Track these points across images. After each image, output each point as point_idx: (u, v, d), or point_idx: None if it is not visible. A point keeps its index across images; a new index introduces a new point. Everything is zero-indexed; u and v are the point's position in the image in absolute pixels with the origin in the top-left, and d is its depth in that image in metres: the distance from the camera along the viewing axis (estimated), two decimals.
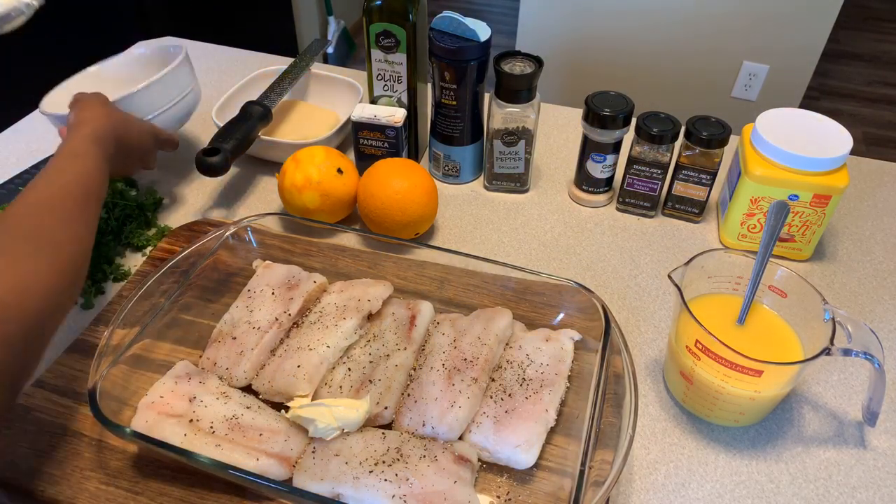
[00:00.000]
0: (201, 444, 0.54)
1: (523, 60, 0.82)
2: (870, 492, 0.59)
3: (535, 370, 0.62)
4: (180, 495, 0.55)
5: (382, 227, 0.78)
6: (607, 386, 0.58)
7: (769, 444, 0.62)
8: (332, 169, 0.79)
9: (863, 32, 3.23)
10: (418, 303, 0.68)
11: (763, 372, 0.55)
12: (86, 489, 0.55)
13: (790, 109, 0.78)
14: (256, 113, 0.85)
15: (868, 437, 0.63)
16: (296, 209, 0.79)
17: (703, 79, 2.12)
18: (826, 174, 0.73)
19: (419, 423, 0.58)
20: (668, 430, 0.63)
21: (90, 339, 0.67)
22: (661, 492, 0.58)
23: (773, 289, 0.63)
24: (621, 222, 0.87)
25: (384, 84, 0.87)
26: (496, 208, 0.88)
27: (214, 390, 0.60)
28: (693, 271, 0.61)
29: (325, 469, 0.54)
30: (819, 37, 1.94)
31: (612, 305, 0.73)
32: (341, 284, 0.70)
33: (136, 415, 0.57)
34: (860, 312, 0.75)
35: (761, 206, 0.77)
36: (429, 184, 0.79)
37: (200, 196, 0.89)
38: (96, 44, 1.29)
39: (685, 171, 0.81)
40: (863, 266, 0.81)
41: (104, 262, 0.76)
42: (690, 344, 0.59)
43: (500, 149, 0.86)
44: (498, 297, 0.69)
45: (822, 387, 0.67)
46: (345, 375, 0.62)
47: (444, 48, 0.79)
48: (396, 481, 0.52)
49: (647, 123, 0.79)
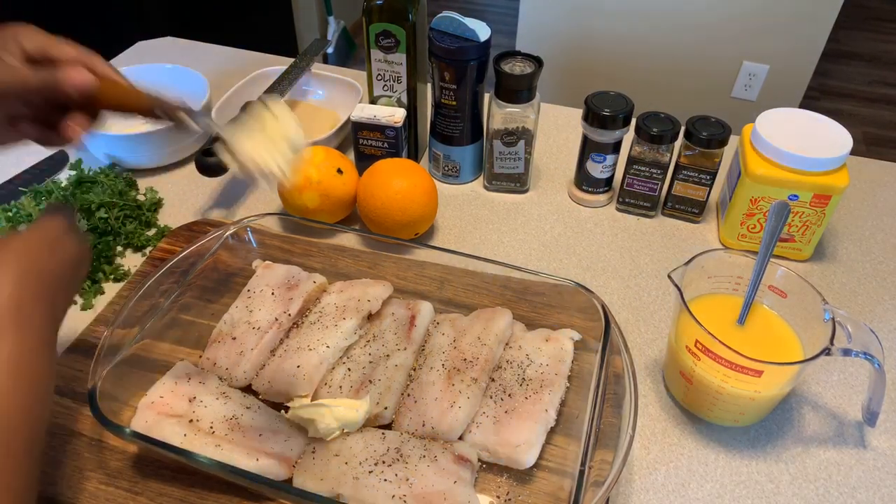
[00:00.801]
0: (201, 445, 0.54)
1: (523, 60, 0.82)
2: (870, 492, 0.59)
3: (534, 370, 0.62)
4: (180, 495, 0.55)
5: (382, 227, 0.78)
6: (607, 386, 0.58)
7: (769, 445, 0.62)
8: (332, 169, 0.79)
9: (863, 32, 3.23)
10: (418, 303, 0.68)
11: (763, 372, 0.55)
12: (86, 489, 0.55)
13: (790, 109, 0.78)
14: None
15: (868, 437, 0.63)
16: (295, 209, 0.79)
17: (703, 79, 2.12)
18: (826, 174, 0.73)
19: (419, 423, 0.58)
20: (667, 431, 0.63)
21: (90, 339, 0.67)
22: (661, 492, 0.58)
23: (773, 289, 0.63)
24: (621, 222, 0.86)
25: (384, 84, 0.87)
26: (496, 208, 0.88)
27: (214, 390, 0.60)
28: (693, 271, 0.61)
29: (325, 469, 0.54)
30: (819, 37, 1.94)
31: (611, 305, 0.73)
32: (341, 284, 0.70)
33: (135, 415, 0.57)
34: (860, 312, 0.75)
35: (761, 206, 0.77)
36: (429, 184, 0.79)
37: (200, 196, 0.89)
38: (96, 44, 1.29)
39: (685, 171, 0.81)
40: (863, 266, 0.81)
41: (104, 262, 0.76)
42: (690, 344, 0.59)
43: (499, 149, 0.86)
44: (498, 298, 0.69)
45: (822, 387, 0.67)
46: (344, 376, 0.62)
47: (443, 48, 0.79)
48: (396, 481, 0.52)
49: (647, 123, 0.79)
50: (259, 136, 0.55)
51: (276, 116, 0.56)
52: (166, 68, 0.99)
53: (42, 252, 0.45)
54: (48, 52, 0.48)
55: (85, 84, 0.49)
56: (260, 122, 0.56)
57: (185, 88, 0.97)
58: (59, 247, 0.47)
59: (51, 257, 0.45)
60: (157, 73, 0.99)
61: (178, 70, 0.99)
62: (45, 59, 0.49)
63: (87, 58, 0.52)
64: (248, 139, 0.55)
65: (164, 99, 0.55)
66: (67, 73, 0.48)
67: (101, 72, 0.52)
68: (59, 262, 0.46)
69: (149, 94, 0.55)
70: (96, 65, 0.52)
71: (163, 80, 0.99)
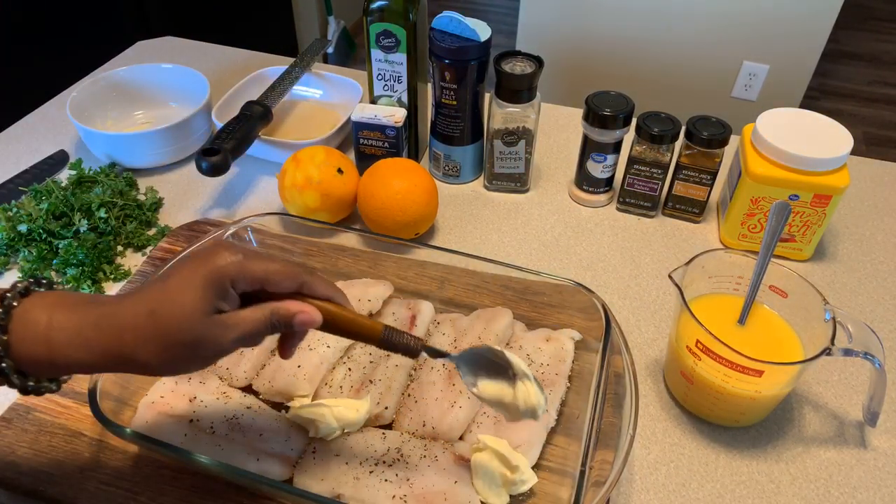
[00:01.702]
0: (201, 444, 0.54)
1: (523, 60, 0.82)
2: (870, 492, 0.59)
3: (535, 370, 0.62)
4: (180, 495, 0.55)
5: (383, 227, 0.78)
6: (608, 386, 0.58)
7: (770, 445, 0.62)
8: (332, 169, 0.79)
9: (863, 32, 3.22)
10: (419, 303, 0.68)
11: (764, 372, 0.55)
12: (86, 489, 0.55)
13: (790, 109, 0.78)
14: (256, 113, 0.85)
15: (868, 437, 0.63)
16: (296, 209, 0.79)
17: (703, 79, 2.12)
18: (826, 174, 0.73)
19: (419, 423, 0.58)
20: (668, 431, 0.63)
21: None
22: (661, 492, 0.58)
23: (774, 289, 0.63)
24: (621, 222, 0.86)
25: (384, 84, 0.87)
26: (496, 208, 0.88)
27: (215, 390, 0.60)
28: (693, 271, 0.61)
29: (326, 469, 0.54)
30: (819, 37, 1.94)
31: (612, 305, 0.73)
32: (341, 284, 0.70)
33: (136, 415, 0.57)
34: (860, 312, 0.75)
35: (762, 206, 0.77)
36: (429, 184, 0.79)
37: (200, 196, 0.89)
38: (96, 43, 1.29)
39: (685, 171, 0.81)
40: (863, 266, 0.81)
41: (104, 262, 0.76)
42: (691, 344, 0.59)
43: (500, 149, 0.86)
44: (498, 297, 0.69)
45: (822, 387, 0.67)
46: (345, 375, 0.62)
47: (444, 48, 0.79)
48: (397, 481, 0.52)
49: (647, 123, 0.79)
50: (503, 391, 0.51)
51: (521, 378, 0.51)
52: (166, 68, 0.99)
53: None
54: (265, 287, 0.45)
55: (312, 324, 0.46)
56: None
57: (185, 88, 0.97)
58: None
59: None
60: (157, 73, 0.99)
61: (178, 70, 0.99)
62: (262, 290, 0.46)
63: (305, 283, 0.47)
64: (489, 387, 0.51)
65: (392, 329, 0.50)
66: (297, 317, 0.46)
67: (324, 295, 0.48)
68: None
69: (374, 324, 0.49)
70: (315, 288, 0.47)
71: (163, 80, 1.00)
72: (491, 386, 0.50)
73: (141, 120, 0.99)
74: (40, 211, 0.78)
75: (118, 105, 0.98)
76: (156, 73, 0.99)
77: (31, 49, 1.64)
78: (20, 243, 0.76)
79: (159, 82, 1.00)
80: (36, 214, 0.77)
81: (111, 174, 0.86)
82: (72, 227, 0.77)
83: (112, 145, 0.88)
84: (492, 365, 0.51)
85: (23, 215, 0.77)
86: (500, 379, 0.50)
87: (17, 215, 0.78)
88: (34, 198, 0.81)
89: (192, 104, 0.92)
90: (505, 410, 0.51)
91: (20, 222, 0.76)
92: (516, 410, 0.50)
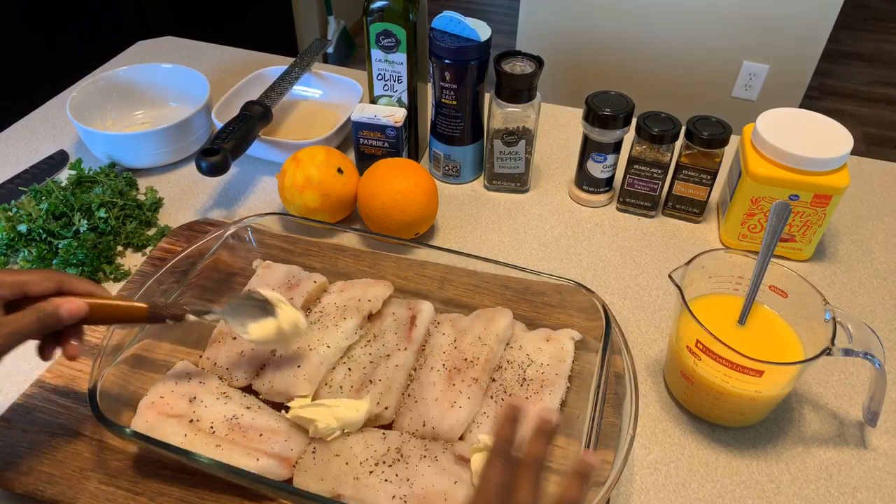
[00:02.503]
0: (201, 445, 0.54)
1: (523, 60, 0.82)
2: (870, 492, 0.59)
3: (535, 370, 0.62)
4: (180, 495, 0.55)
5: (383, 227, 0.78)
6: (608, 386, 0.58)
7: (770, 445, 0.62)
8: (332, 169, 0.79)
9: (863, 32, 3.22)
10: (419, 303, 0.68)
11: (764, 372, 0.55)
12: (86, 489, 0.55)
13: (790, 109, 0.78)
14: (256, 113, 0.85)
15: (869, 437, 0.63)
16: (296, 209, 0.79)
17: (703, 79, 2.12)
18: (826, 174, 0.73)
19: (419, 423, 0.58)
20: (668, 431, 0.63)
21: (90, 339, 0.67)
22: (661, 492, 0.58)
23: (774, 289, 0.63)
24: (621, 222, 0.86)
25: (384, 84, 0.87)
26: (496, 208, 0.88)
27: (214, 390, 0.60)
28: (694, 271, 0.61)
29: (326, 469, 0.54)
30: (819, 37, 1.94)
31: (612, 305, 0.73)
32: (341, 284, 0.70)
33: (136, 415, 0.57)
34: (860, 312, 0.75)
35: (762, 206, 0.77)
36: (429, 184, 0.79)
37: (200, 196, 0.89)
38: (96, 43, 1.29)
39: (685, 171, 0.81)
40: (863, 266, 0.81)
41: (104, 262, 0.76)
42: (691, 344, 0.59)
43: (500, 149, 0.86)
44: (498, 297, 0.69)
45: (822, 387, 0.67)
46: (345, 375, 0.62)
47: (444, 48, 0.79)
48: (397, 482, 0.52)
49: (647, 123, 0.79)
50: (269, 325, 0.59)
51: (277, 304, 0.60)
52: (166, 68, 0.99)
53: None
54: (26, 292, 0.50)
55: (79, 312, 0.51)
56: (264, 309, 0.59)
57: (185, 88, 0.97)
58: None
59: None
60: (157, 73, 0.99)
61: (178, 70, 0.99)
62: (24, 297, 0.50)
63: (63, 282, 0.52)
64: (257, 328, 0.58)
65: (158, 303, 0.56)
66: (63, 308, 0.50)
67: (84, 291, 0.53)
68: None
69: (140, 304, 0.55)
70: (74, 286, 0.52)
71: (163, 80, 1.00)
72: (258, 327, 0.58)
73: (141, 120, 0.99)
74: (40, 211, 0.78)
75: (118, 105, 0.98)
76: (156, 73, 0.99)
77: (31, 49, 1.64)
78: (20, 243, 0.76)
79: (159, 82, 1.00)
80: (36, 214, 0.77)
81: (111, 174, 0.86)
82: (72, 227, 0.77)
83: (112, 145, 0.88)
84: (255, 309, 0.59)
85: (23, 215, 0.77)
86: (265, 317, 0.58)
87: (17, 215, 0.78)
88: (34, 198, 0.81)
89: (192, 104, 0.92)
90: (278, 343, 0.60)
91: (20, 222, 0.76)
92: (284, 336, 0.59)
